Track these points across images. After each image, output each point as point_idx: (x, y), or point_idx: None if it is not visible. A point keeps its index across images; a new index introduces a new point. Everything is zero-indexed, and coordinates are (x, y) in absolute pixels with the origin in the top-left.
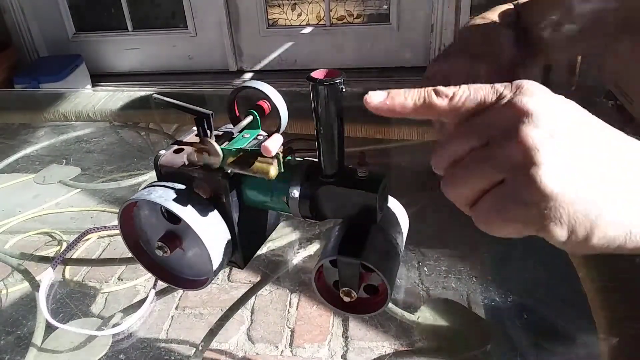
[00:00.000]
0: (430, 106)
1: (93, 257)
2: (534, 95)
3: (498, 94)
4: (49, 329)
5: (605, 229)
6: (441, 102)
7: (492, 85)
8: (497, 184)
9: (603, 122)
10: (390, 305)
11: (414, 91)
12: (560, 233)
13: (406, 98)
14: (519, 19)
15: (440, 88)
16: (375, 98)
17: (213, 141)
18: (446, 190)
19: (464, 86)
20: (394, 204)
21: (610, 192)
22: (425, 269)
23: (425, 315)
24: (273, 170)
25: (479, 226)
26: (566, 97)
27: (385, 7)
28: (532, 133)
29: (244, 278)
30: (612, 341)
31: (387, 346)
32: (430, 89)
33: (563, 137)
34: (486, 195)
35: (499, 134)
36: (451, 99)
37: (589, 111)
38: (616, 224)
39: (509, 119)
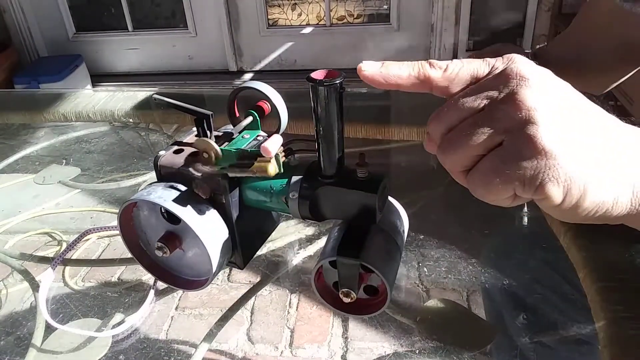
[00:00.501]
0: (425, 77)
1: (93, 258)
2: (526, 64)
3: (491, 66)
4: (49, 329)
5: (596, 192)
6: (435, 73)
7: (484, 59)
8: (495, 147)
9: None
10: (390, 305)
11: (408, 63)
12: (556, 193)
13: (400, 68)
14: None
15: (433, 61)
16: (369, 67)
17: (212, 142)
18: (442, 157)
19: (456, 60)
20: (393, 204)
21: (599, 156)
22: (425, 269)
23: (425, 316)
24: (271, 168)
25: (476, 192)
26: None
27: (385, 7)
28: (529, 94)
29: (243, 278)
30: (612, 341)
31: (387, 346)
32: (424, 61)
33: (556, 100)
34: (484, 158)
35: (495, 97)
36: (445, 70)
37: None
38: (606, 188)
39: (504, 83)
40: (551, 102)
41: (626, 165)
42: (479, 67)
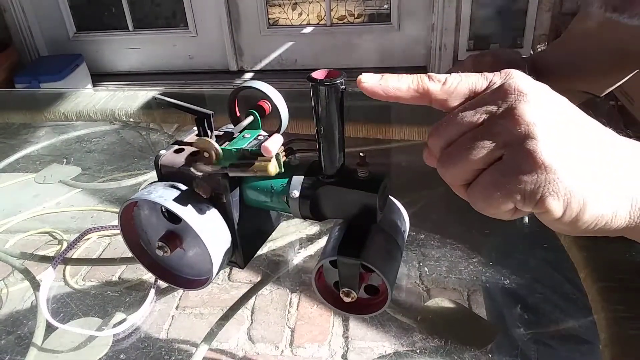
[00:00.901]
0: (424, 90)
1: (93, 257)
2: (523, 79)
3: (489, 81)
4: (50, 328)
5: (595, 206)
6: (434, 86)
7: (482, 73)
8: (495, 161)
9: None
10: (391, 305)
11: (407, 76)
12: (556, 206)
13: (400, 81)
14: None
15: (432, 74)
16: (369, 79)
17: (213, 141)
18: (442, 171)
19: (455, 74)
20: (394, 203)
21: (597, 170)
22: (425, 269)
23: (426, 315)
24: (272, 167)
25: (476, 205)
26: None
27: (386, 7)
28: (527, 109)
29: (244, 278)
30: (613, 341)
31: (387, 346)
32: (423, 74)
33: (553, 114)
34: (485, 172)
35: (494, 111)
36: (444, 83)
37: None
38: (605, 202)
39: (503, 98)
40: (549, 116)
41: (624, 179)
42: (477, 81)
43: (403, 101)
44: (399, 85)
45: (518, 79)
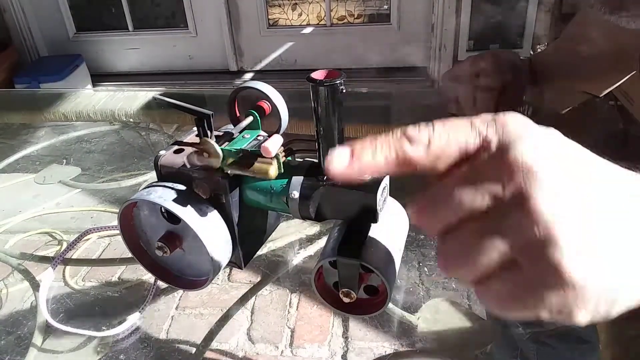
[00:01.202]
0: (406, 159)
1: (93, 257)
2: (524, 140)
3: (482, 137)
4: (49, 329)
5: (624, 303)
6: (417, 152)
7: (470, 122)
8: (508, 264)
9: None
10: (391, 305)
11: (382, 142)
12: (584, 318)
13: (375, 154)
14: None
15: (411, 133)
16: (338, 162)
17: (213, 141)
18: (445, 268)
19: (438, 126)
20: (393, 204)
21: (625, 256)
22: (425, 269)
23: (426, 316)
24: (272, 170)
25: (489, 308)
26: None
27: (385, 7)
28: (542, 199)
29: (244, 278)
30: (613, 341)
31: (387, 346)
32: (400, 134)
33: (571, 198)
34: (498, 279)
35: (500, 196)
36: (428, 145)
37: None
38: (633, 293)
39: (508, 176)
40: (569, 204)
41: None
42: (468, 137)
43: (386, 175)
44: (375, 162)
45: (517, 139)
